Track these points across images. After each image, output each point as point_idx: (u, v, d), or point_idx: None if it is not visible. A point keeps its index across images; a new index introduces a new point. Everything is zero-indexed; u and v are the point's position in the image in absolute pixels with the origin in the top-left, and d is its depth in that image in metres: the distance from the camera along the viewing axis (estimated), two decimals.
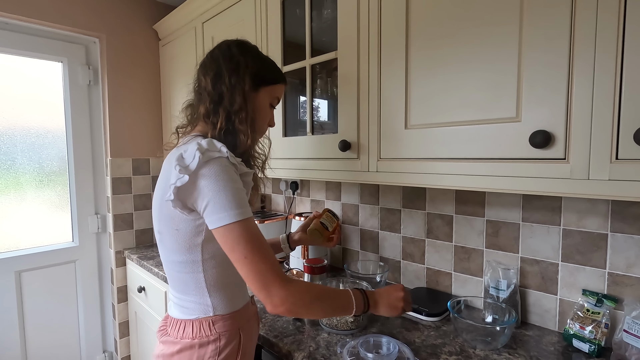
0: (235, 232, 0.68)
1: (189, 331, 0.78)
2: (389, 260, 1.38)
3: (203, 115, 0.82)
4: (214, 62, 0.83)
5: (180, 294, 0.81)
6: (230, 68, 0.81)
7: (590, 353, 0.87)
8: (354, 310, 0.79)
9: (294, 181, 1.73)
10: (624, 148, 0.62)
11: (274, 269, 0.70)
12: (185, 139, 0.82)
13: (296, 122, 1.35)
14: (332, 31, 1.11)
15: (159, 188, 0.79)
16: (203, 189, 0.69)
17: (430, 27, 0.87)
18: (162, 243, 0.80)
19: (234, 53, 0.82)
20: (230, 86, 0.80)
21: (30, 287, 1.81)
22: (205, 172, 0.69)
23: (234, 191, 0.70)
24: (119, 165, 1.97)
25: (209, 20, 1.62)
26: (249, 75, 0.82)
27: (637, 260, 0.87)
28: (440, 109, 0.86)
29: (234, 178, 0.71)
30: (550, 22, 0.68)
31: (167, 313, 0.86)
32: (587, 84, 0.65)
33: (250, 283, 0.69)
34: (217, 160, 0.71)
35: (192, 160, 0.69)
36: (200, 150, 0.69)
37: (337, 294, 0.79)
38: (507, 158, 0.76)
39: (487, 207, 1.11)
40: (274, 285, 0.68)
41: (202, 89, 0.83)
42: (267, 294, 0.68)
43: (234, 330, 0.80)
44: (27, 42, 1.74)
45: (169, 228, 0.76)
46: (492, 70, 0.77)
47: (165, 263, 0.82)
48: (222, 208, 0.68)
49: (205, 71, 0.83)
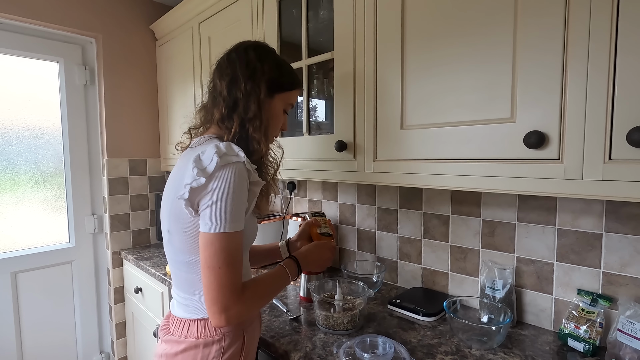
0: (223, 242, 0.70)
1: (194, 330, 0.78)
2: (385, 260, 1.38)
3: (218, 120, 0.82)
4: (230, 66, 0.82)
5: (186, 294, 0.81)
6: (246, 74, 0.80)
7: (585, 352, 0.87)
8: (290, 281, 0.86)
9: (292, 181, 1.73)
10: (617, 148, 0.62)
11: (238, 284, 0.72)
12: (200, 139, 0.82)
13: (293, 122, 1.34)
14: (328, 31, 1.11)
15: (171, 186, 0.79)
16: (213, 190, 0.69)
17: (425, 28, 0.87)
18: (170, 243, 0.80)
19: (251, 58, 0.82)
20: (246, 93, 0.80)
21: (26, 288, 1.80)
22: (219, 175, 0.69)
23: (237, 203, 0.71)
24: (116, 166, 1.97)
25: (206, 21, 1.62)
26: (265, 82, 0.82)
27: (631, 259, 0.88)
28: (435, 110, 0.87)
29: (243, 189, 0.72)
30: (544, 23, 0.69)
31: (170, 312, 0.86)
32: (580, 85, 0.65)
33: (214, 293, 0.70)
34: (235, 165, 0.71)
35: (209, 162, 0.69)
36: (219, 154, 0.69)
37: (278, 279, 0.83)
38: (502, 158, 0.76)
39: (483, 207, 1.12)
40: (235, 299, 0.70)
41: (217, 93, 0.83)
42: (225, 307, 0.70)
43: (238, 331, 0.80)
44: (23, 42, 1.74)
45: (178, 229, 0.76)
46: (487, 70, 0.77)
47: (172, 262, 0.82)
48: (220, 216, 0.69)
49: (221, 74, 0.83)
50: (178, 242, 0.78)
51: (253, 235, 0.86)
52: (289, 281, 0.85)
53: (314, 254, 0.95)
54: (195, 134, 0.88)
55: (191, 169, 0.69)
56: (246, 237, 0.81)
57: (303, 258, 0.92)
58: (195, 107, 0.90)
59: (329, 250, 0.99)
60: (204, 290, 0.71)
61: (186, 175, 0.71)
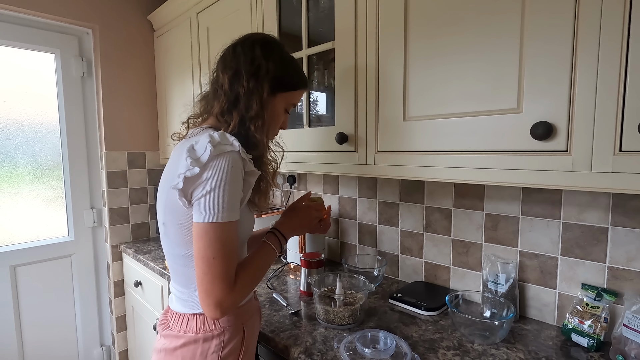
0: (218, 232, 0.68)
1: (193, 325, 0.77)
2: (387, 254, 1.37)
3: (217, 114, 0.80)
4: (234, 59, 0.80)
5: (184, 288, 0.80)
6: (250, 71, 0.78)
7: (589, 347, 0.86)
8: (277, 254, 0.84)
9: (292, 175, 1.71)
10: (627, 140, 0.60)
11: (232, 274, 0.70)
12: (195, 130, 0.80)
13: (293, 114, 1.32)
14: (329, 21, 1.08)
15: (166, 177, 0.78)
16: (207, 180, 0.68)
17: (429, 16, 0.84)
18: (166, 235, 0.79)
19: (257, 55, 0.79)
20: (248, 90, 0.78)
21: (25, 281, 1.80)
22: (213, 165, 0.68)
23: (232, 192, 0.69)
24: (114, 159, 1.95)
25: (204, 10, 1.59)
26: (268, 81, 0.80)
27: (637, 254, 0.86)
28: (439, 100, 0.84)
29: (237, 179, 0.71)
30: (553, 10, 0.66)
31: (168, 306, 0.85)
32: (590, 74, 0.63)
33: (207, 284, 0.68)
34: (229, 154, 0.69)
35: (203, 152, 0.68)
36: (212, 143, 0.68)
37: (264, 256, 0.81)
38: (508, 150, 0.74)
39: (486, 200, 1.10)
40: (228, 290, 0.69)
41: (219, 85, 0.80)
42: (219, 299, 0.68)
43: (237, 325, 0.79)
44: (18, 32, 1.71)
45: (173, 221, 0.75)
46: (493, 60, 0.75)
47: (168, 256, 0.81)
48: (214, 205, 0.68)
49: (224, 66, 0.81)
50: (173, 234, 0.76)
51: (250, 229, 0.85)
52: (275, 255, 0.83)
53: (294, 218, 0.92)
54: (194, 123, 0.86)
55: (185, 158, 0.68)
56: (243, 230, 0.80)
57: (283, 224, 0.89)
58: (195, 98, 0.88)
59: (310, 209, 0.94)
60: (197, 281, 0.70)
61: (180, 165, 0.70)
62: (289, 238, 0.88)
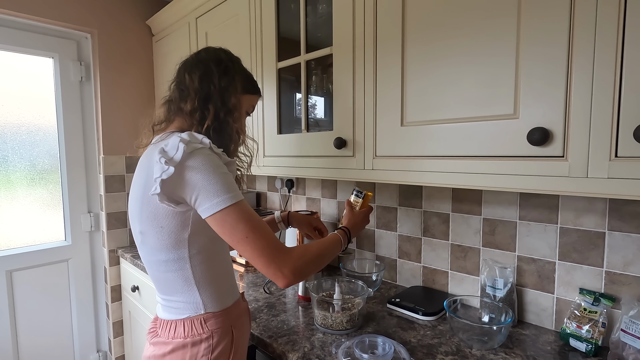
0: (233, 215, 0.69)
1: (181, 331, 0.77)
2: (385, 258, 1.37)
3: (189, 111, 0.80)
4: (200, 62, 0.83)
5: (167, 295, 0.80)
6: (220, 70, 0.82)
7: (587, 352, 0.86)
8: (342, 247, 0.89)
9: (290, 179, 1.71)
10: (623, 145, 0.61)
11: (275, 243, 0.71)
12: (162, 136, 0.80)
13: (291, 119, 1.33)
14: (327, 26, 1.09)
15: (137, 187, 0.77)
16: (191, 180, 0.69)
17: (426, 22, 0.85)
18: (144, 244, 0.78)
19: (223, 58, 0.84)
20: (220, 87, 0.81)
21: (22, 286, 1.78)
22: (191, 164, 0.69)
23: (222, 177, 0.70)
24: (112, 163, 1.95)
25: (203, 15, 1.59)
26: (240, 81, 0.85)
27: (634, 258, 0.86)
28: (436, 106, 0.85)
29: (219, 164, 0.72)
30: (549, 15, 0.67)
31: (156, 315, 0.85)
32: (586, 79, 0.64)
33: (256, 261, 0.70)
34: (201, 150, 0.71)
35: (175, 151, 0.68)
36: (184, 142, 0.69)
37: (331, 243, 0.85)
38: (505, 156, 0.74)
39: (484, 205, 1.10)
40: (280, 257, 0.70)
41: (185, 86, 0.82)
42: (275, 268, 0.69)
43: (226, 327, 0.79)
44: (17, 37, 1.71)
45: (152, 226, 0.74)
46: (490, 65, 0.75)
47: (148, 265, 0.80)
48: (214, 194, 0.68)
49: (190, 70, 0.82)
50: (153, 240, 0.75)
51: None
52: (340, 247, 0.88)
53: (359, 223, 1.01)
54: (159, 129, 0.86)
55: (157, 160, 0.68)
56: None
57: (352, 228, 0.96)
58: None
59: (367, 217, 1.04)
60: (253, 264, 0.71)
61: (155, 169, 0.69)
62: (354, 237, 0.97)
